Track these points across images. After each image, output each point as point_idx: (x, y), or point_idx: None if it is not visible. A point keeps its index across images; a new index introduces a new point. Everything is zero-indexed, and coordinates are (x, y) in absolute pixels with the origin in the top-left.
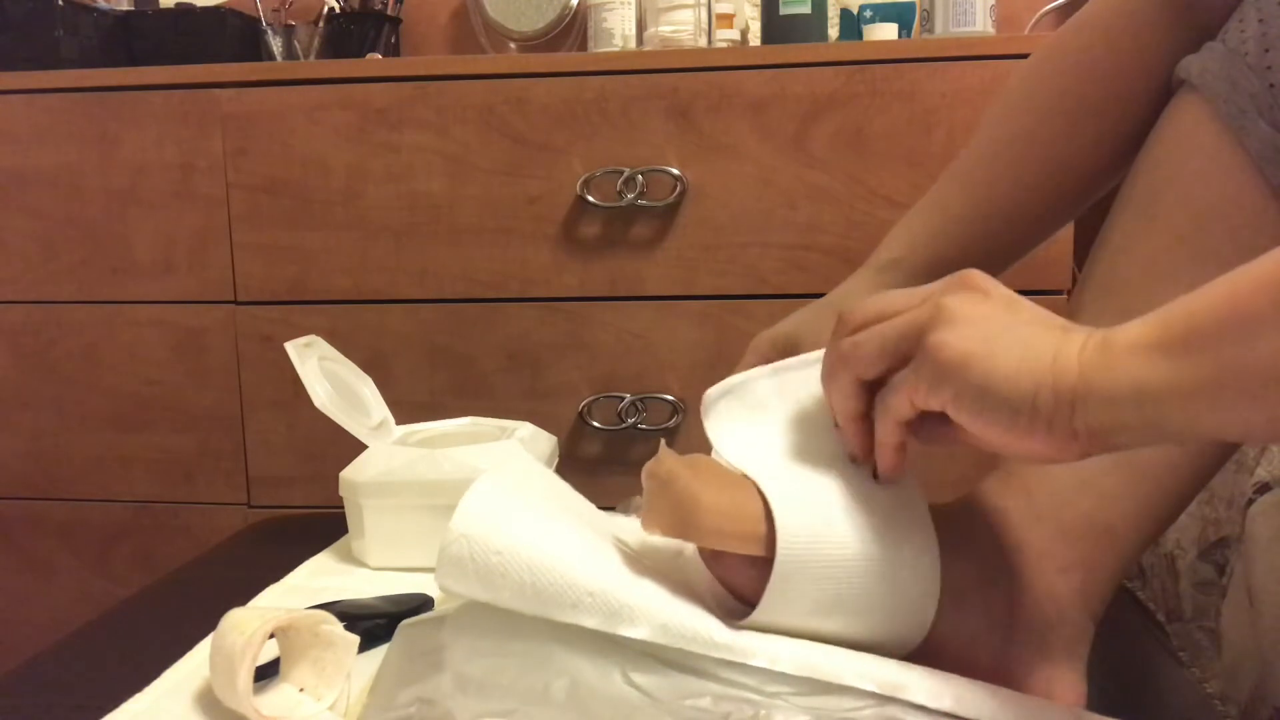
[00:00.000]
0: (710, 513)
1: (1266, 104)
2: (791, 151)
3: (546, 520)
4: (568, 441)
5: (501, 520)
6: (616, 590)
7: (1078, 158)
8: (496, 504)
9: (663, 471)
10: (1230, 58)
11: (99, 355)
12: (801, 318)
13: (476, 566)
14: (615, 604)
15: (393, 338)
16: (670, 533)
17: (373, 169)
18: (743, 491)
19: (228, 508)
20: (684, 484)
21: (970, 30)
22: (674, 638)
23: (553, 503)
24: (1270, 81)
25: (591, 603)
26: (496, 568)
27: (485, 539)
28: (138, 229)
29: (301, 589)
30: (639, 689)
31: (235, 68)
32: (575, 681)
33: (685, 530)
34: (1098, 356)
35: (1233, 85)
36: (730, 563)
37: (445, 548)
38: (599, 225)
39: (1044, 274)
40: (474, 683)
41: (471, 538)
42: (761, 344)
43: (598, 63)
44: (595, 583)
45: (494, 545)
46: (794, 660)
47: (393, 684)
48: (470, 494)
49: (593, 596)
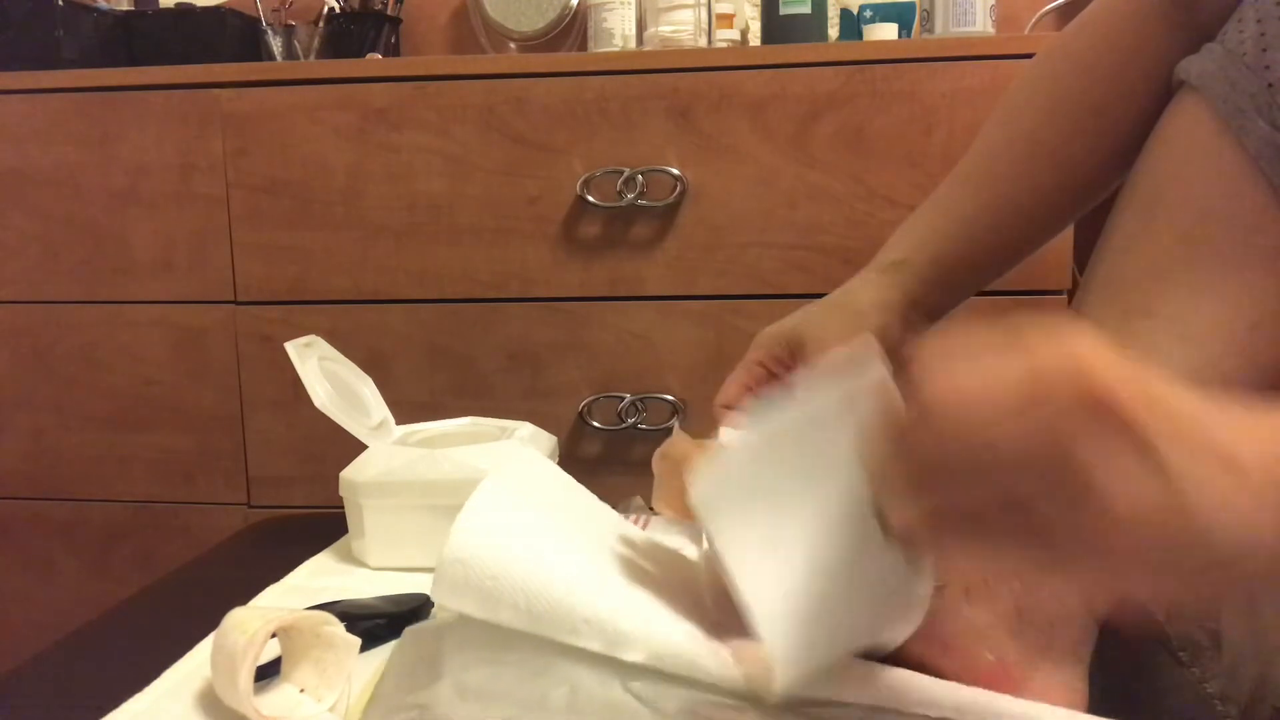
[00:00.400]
0: None
1: (1265, 103)
2: (791, 151)
3: (543, 541)
4: (568, 441)
5: (497, 542)
6: (613, 617)
7: (1080, 158)
8: (493, 524)
9: (675, 453)
10: (1229, 58)
11: (99, 355)
12: (808, 317)
13: (473, 590)
14: (611, 632)
15: (393, 338)
16: (680, 513)
17: (373, 169)
18: None
19: (228, 508)
20: (694, 465)
21: (970, 30)
22: (668, 663)
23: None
24: (1268, 81)
25: (587, 629)
26: (492, 592)
27: (481, 564)
28: (138, 229)
29: (301, 589)
30: (637, 697)
31: (235, 68)
32: (574, 689)
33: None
34: None
35: (1232, 85)
36: None
37: (441, 570)
38: (599, 225)
39: (1044, 274)
40: (473, 690)
41: (467, 563)
42: (768, 340)
43: (598, 63)
44: (591, 609)
45: (489, 570)
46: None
47: (392, 690)
48: (466, 512)
49: (588, 624)
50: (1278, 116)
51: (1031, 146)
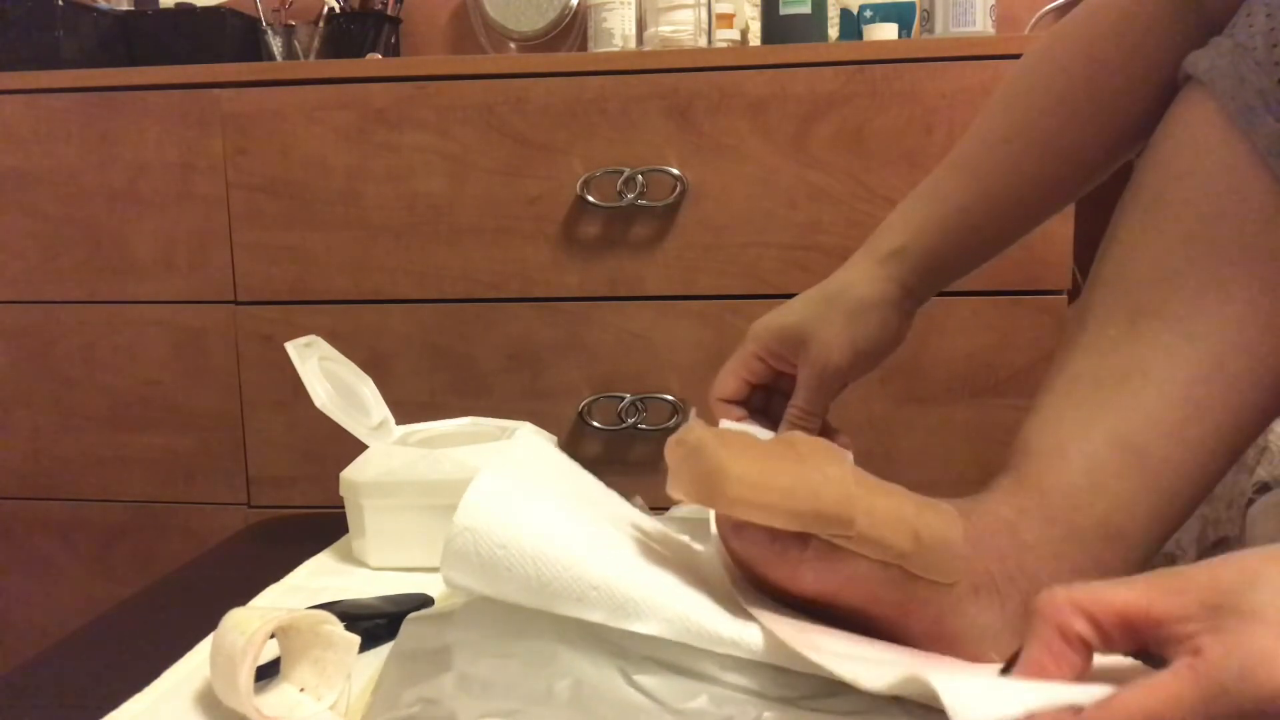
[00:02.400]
0: (737, 482)
1: (1274, 99)
2: (791, 151)
3: (553, 510)
4: (568, 441)
5: (506, 512)
6: (623, 584)
7: (1083, 147)
8: (501, 495)
9: (692, 439)
10: (1238, 53)
11: (99, 355)
12: (807, 312)
13: (481, 560)
14: (621, 597)
15: (393, 338)
16: (695, 499)
17: (373, 169)
18: (772, 463)
19: (228, 508)
20: (711, 451)
21: (970, 30)
22: (680, 632)
23: (564, 485)
24: (1278, 77)
25: (596, 596)
26: (501, 561)
27: (489, 532)
28: (138, 229)
29: (301, 589)
30: (642, 690)
31: (235, 68)
32: (579, 682)
33: (711, 497)
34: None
35: (1240, 81)
36: (751, 535)
37: (450, 541)
38: (599, 225)
39: (1044, 275)
40: (477, 683)
41: (476, 530)
42: (766, 334)
43: (598, 63)
44: (601, 576)
45: (498, 539)
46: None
47: (396, 683)
48: (475, 485)
49: (598, 590)
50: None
51: (1032, 135)
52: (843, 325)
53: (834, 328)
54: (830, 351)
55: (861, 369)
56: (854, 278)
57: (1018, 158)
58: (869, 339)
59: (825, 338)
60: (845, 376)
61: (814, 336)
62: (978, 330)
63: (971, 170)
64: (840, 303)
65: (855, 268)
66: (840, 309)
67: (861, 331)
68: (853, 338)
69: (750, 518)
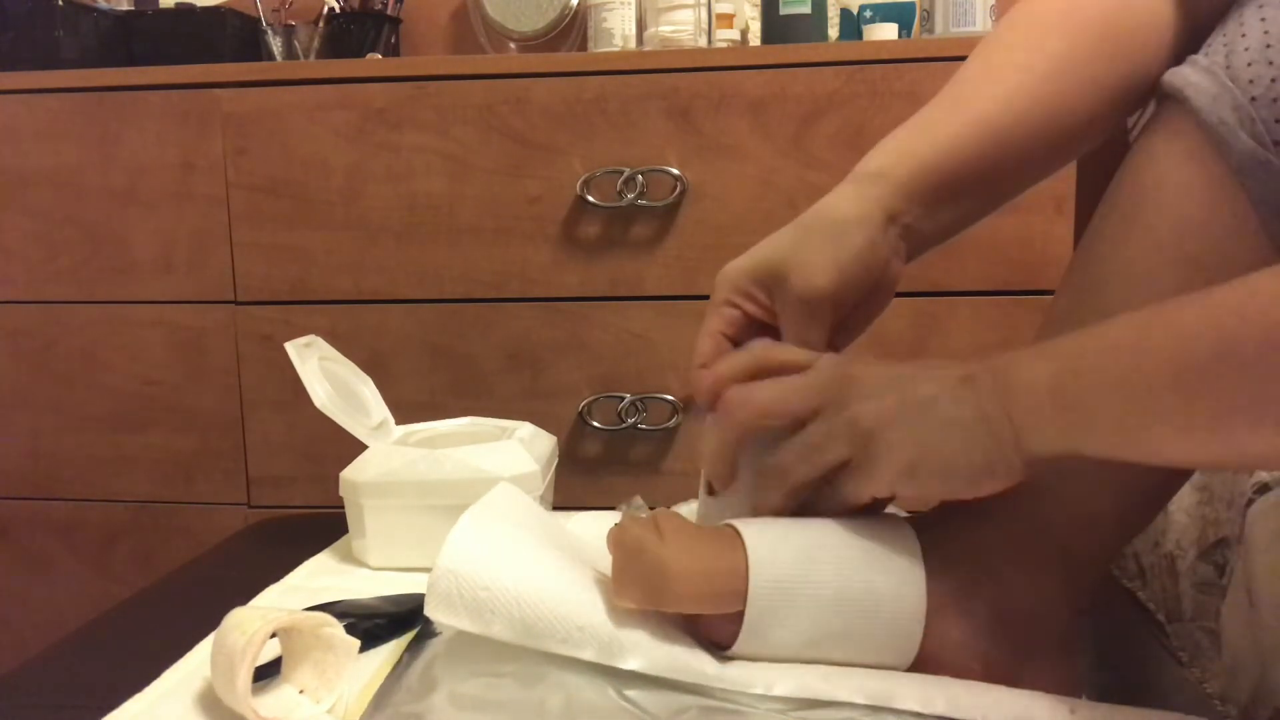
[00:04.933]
0: (680, 579)
1: (1248, 117)
2: (791, 151)
3: (534, 553)
4: (568, 441)
5: (488, 555)
6: (607, 625)
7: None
8: (482, 539)
9: (629, 540)
10: (1213, 71)
11: (99, 355)
12: (781, 243)
13: (465, 602)
14: (607, 637)
15: (393, 338)
16: (643, 604)
17: (373, 169)
18: (711, 549)
19: (228, 508)
20: (652, 554)
21: (970, 30)
22: (667, 669)
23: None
24: (1252, 95)
25: (582, 637)
26: (486, 603)
27: (472, 575)
28: (138, 229)
29: (301, 589)
30: (633, 704)
31: (235, 68)
32: (570, 698)
33: (659, 600)
34: (1029, 417)
35: (1214, 98)
36: (708, 622)
37: (434, 584)
38: (599, 225)
39: (1044, 275)
40: (469, 699)
41: (459, 574)
42: (737, 275)
43: (598, 63)
44: (585, 617)
45: (481, 581)
46: (788, 685)
47: (388, 701)
48: (456, 529)
49: (583, 631)
50: (1260, 130)
51: (1021, 76)
52: (822, 244)
53: (813, 250)
54: (813, 273)
55: (849, 297)
56: (831, 201)
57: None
58: (855, 259)
59: (805, 259)
60: (833, 302)
61: (792, 263)
62: (978, 330)
63: (961, 103)
64: (818, 225)
65: (833, 193)
66: (818, 231)
67: (846, 251)
68: (836, 257)
69: (700, 610)
